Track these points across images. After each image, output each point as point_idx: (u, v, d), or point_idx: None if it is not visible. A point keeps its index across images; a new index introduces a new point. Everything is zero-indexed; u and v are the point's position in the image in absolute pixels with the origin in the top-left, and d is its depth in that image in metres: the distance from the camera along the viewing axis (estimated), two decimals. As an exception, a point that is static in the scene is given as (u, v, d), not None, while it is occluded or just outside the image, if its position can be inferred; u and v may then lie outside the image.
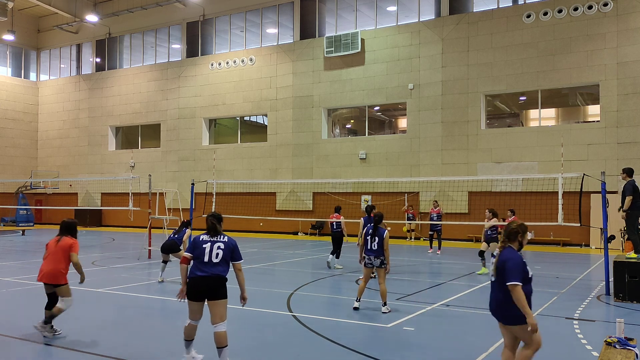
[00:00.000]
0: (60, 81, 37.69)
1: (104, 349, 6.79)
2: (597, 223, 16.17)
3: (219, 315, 5.86)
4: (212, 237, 6.00)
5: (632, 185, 10.73)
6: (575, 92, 24.11)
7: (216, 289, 5.87)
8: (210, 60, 31.16)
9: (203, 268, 5.84)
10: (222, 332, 5.84)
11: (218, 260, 5.88)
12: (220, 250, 5.91)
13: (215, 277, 5.85)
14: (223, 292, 5.94)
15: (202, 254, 5.88)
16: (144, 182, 21.43)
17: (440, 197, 23.51)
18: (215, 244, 5.93)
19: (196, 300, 5.89)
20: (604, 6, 21.69)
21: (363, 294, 9.28)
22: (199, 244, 5.96)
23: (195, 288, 5.86)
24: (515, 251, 5.09)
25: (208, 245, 5.92)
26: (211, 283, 5.84)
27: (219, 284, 5.89)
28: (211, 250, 5.88)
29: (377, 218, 9.25)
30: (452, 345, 7.18)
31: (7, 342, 7.13)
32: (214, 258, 5.88)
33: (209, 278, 5.83)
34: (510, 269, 4.92)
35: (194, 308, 5.92)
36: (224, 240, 6.01)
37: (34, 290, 11.02)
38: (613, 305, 9.83)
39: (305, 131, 27.99)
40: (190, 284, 5.89)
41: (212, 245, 5.92)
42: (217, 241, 5.97)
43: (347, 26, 27.79)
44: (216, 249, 5.90)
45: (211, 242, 5.96)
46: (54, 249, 7.30)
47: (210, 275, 5.84)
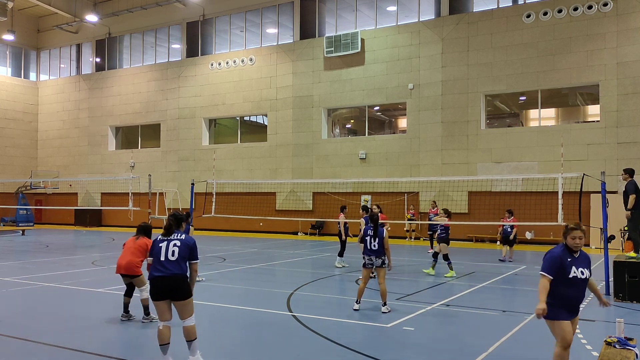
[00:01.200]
0: (60, 81, 37.69)
1: (104, 349, 6.78)
2: (597, 223, 16.16)
3: (186, 313, 5.89)
4: (168, 237, 5.97)
5: (634, 185, 10.70)
6: (575, 92, 24.11)
7: (177, 289, 5.82)
8: (210, 60, 31.16)
9: (160, 267, 5.81)
10: (191, 325, 5.87)
11: (174, 258, 5.82)
12: (176, 247, 5.86)
13: (174, 277, 5.78)
14: (186, 292, 5.88)
15: (159, 253, 5.87)
16: (144, 182, 21.43)
17: (440, 197, 23.51)
18: (171, 242, 5.90)
19: (159, 300, 5.83)
20: (604, 6, 21.69)
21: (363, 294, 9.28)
22: (156, 244, 5.97)
23: (155, 288, 5.83)
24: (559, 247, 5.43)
25: (164, 244, 5.91)
26: (171, 283, 5.78)
27: (179, 284, 5.81)
28: (167, 248, 5.85)
29: (376, 218, 9.26)
30: (452, 345, 7.18)
31: (8, 342, 7.13)
32: (170, 256, 5.83)
33: (167, 278, 5.77)
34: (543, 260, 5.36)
35: (159, 309, 5.86)
36: (180, 238, 5.96)
37: (34, 290, 11.03)
38: (613, 305, 9.83)
39: (305, 131, 27.99)
40: (151, 285, 5.87)
41: (167, 244, 5.90)
42: (173, 239, 5.93)
43: (347, 26, 27.79)
44: (172, 247, 5.86)
45: (167, 240, 5.93)
46: (133, 245, 8.24)
47: (169, 275, 5.77)
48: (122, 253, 8.28)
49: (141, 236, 8.38)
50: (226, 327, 8.20)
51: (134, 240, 8.31)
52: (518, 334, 7.67)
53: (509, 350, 6.92)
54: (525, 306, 9.50)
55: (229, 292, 11.18)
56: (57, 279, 12.35)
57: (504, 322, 8.43)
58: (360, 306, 9.12)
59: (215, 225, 28.05)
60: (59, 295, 10.65)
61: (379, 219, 9.36)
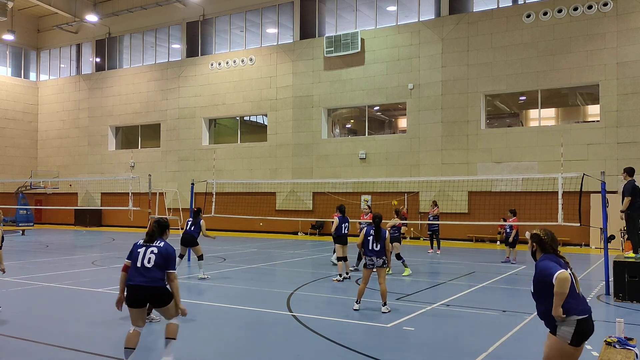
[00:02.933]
0: (60, 81, 37.69)
1: (104, 349, 6.79)
2: (597, 223, 16.16)
3: (169, 315, 5.91)
4: (149, 243, 5.88)
5: (632, 186, 10.72)
6: (575, 92, 24.11)
7: (156, 298, 5.78)
8: (210, 60, 31.16)
9: (137, 275, 5.72)
10: (174, 324, 5.89)
11: (150, 266, 5.74)
12: (153, 254, 5.77)
13: (151, 288, 5.70)
14: (164, 299, 5.82)
15: (136, 259, 5.80)
16: (144, 182, 21.42)
17: (440, 197, 23.51)
18: (149, 249, 5.81)
19: (135, 307, 5.77)
20: (604, 6, 21.69)
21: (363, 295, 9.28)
22: (134, 249, 5.89)
23: (132, 296, 5.75)
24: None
25: (142, 249, 5.84)
26: (148, 293, 5.72)
27: (156, 293, 5.76)
28: (144, 255, 5.78)
29: (378, 219, 9.29)
30: (452, 345, 7.18)
31: (8, 342, 7.13)
32: (146, 263, 5.75)
33: (145, 288, 5.70)
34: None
35: (134, 315, 5.80)
36: (159, 245, 5.87)
37: (34, 290, 11.03)
38: (613, 305, 9.84)
39: (305, 131, 27.99)
40: (128, 292, 5.77)
41: (146, 250, 5.82)
42: (152, 246, 5.84)
43: (347, 26, 27.79)
44: (149, 254, 5.78)
45: (146, 246, 5.85)
46: None
47: (147, 285, 5.69)
48: None
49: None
50: (226, 327, 8.20)
51: None
52: (518, 334, 7.67)
53: (509, 350, 6.92)
54: (525, 306, 9.49)
55: (229, 292, 11.18)
56: (57, 279, 12.35)
57: (504, 322, 8.44)
58: (360, 306, 9.13)
59: (215, 225, 27.95)
60: (59, 295, 10.65)
61: (381, 220, 9.38)
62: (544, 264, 4.55)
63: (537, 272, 4.58)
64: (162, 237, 6.00)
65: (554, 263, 4.52)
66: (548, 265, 4.50)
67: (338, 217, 13.12)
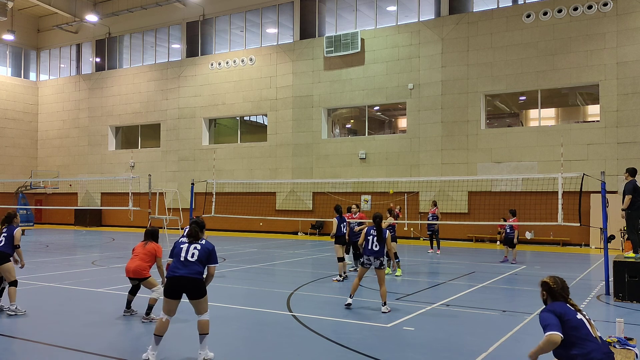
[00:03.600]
0: (60, 81, 37.69)
1: (104, 349, 6.79)
2: (597, 223, 16.17)
3: (202, 309, 6.26)
4: (191, 241, 6.38)
5: (633, 185, 10.74)
6: (575, 92, 24.11)
7: (194, 289, 6.19)
8: (210, 60, 31.17)
9: (180, 267, 6.19)
10: (205, 320, 6.22)
11: (194, 260, 6.22)
12: (196, 250, 6.27)
13: (191, 279, 6.15)
14: (202, 291, 6.25)
15: (179, 253, 6.28)
16: (143, 182, 21.43)
17: (440, 197, 23.52)
18: (192, 245, 6.33)
19: (173, 298, 6.21)
20: (604, 6, 21.69)
21: (361, 293, 9.29)
22: (177, 246, 6.39)
23: (172, 286, 6.19)
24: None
25: (185, 245, 6.34)
26: (188, 284, 6.16)
27: (196, 285, 6.19)
28: (187, 250, 6.28)
29: (379, 219, 9.28)
30: (452, 345, 7.18)
31: (7, 342, 7.13)
32: (189, 257, 6.22)
33: (185, 278, 6.15)
34: None
35: (169, 305, 6.22)
36: (201, 242, 6.40)
37: (34, 290, 11.03)
38: (613, 305, 9.84)
39: (305, 131, 27.99)
40: (169, 283, 6.21)
41: (189, 246, 6.32)
42: (195, 243, 6.36)
43: (347, 26, 27.79)
44: (192, 249, 6.28)
45: (189, 243, 6.36)
46: (142, 251, 8.49)
47: (187, 275, 6.15)
48: (132, 258, 8.56)
49: (149, 241, 8.61)
50: (226, 327, 8.20)
51: (143, 246, 8.57)
52: (518, 334, 7.67)
53: (509, 350, 6.92)
54: (525, 306, 9.50)
55: (229, 292, 11.18)
56: (57, 279, 12.35)
57: (504, 322, 8.44)
58: (352, 301, 9.18)
59: (215, 225, 28.02)
60: (59, 295, 10.65)
61: (382, 220, 9.37)
62: (544, 316, 4.55)
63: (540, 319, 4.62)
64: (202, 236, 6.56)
65: (555, 318, 4.48)
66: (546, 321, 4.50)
67: (336, 218, 13.13)
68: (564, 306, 4.59)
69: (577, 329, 4.46)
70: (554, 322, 4.46)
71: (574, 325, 4.48)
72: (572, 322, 4.49)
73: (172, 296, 6.19)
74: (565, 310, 4.55)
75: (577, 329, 4.46)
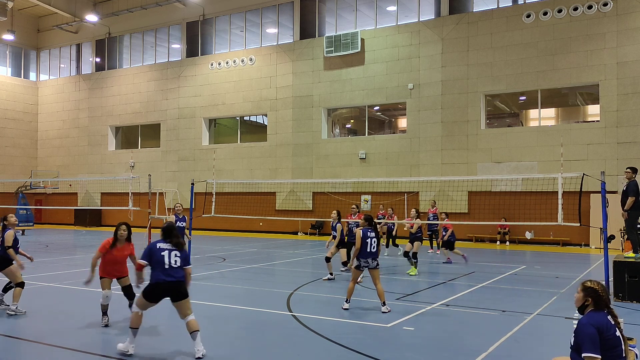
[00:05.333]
0: (60, 81, 37.68)
1: (104, 349, 6.79)
2: (597, 223, 16.16)
3: (187, 309, 6.57)
4: (170, 245, 6.60)
5: (636, 185, 10.66)
6: (575, 92, 24.11)
7: (180, 292, 6.54)
8: (210, 60, 31.16)
9: (167, 274, 6.45)
10: (193, 319, 6.53)
11: (177, 266, 6.53)
12: (178, 258, 6.56)
13: (177, 284, 6.51)
14: (186, 292, 6.61)
15: (162, 261, 6.49)
16: (143, 182, 21.41)
17: (440, 197, 23.52)
18: (173, 252, 6.57)
19: (157, 301, 6.57)
20: (604, 6, 21.69)
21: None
22: (157, 252, 6.55)
23: (159, 292, 6.49)
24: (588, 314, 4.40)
25: (166, 252, 6.55)
26: (175, 289, 6.50)
27: (181, 288, 6.56)
28: (170, 256, 6.53)
29: (372, 220, 9.33)
30: (452, 345, 7.18)
31: (8, 342, 7.13)
32: (173, 264, 6.51)
33: (172, 284, 6.47)
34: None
35: (149, 306, 6.60)
36: (176, 248, 6.66)
37: (33, 290, 11.02)
38: (613, 305, 9.82)
39: (305, 131, 27.99)
40: (156, 288, 6.47)
41: (170, 252, 6.55)
42: (174, 249, 6.60)
43: (347, 26, 27.79)
44: (174, 257, 6.54)
45: (168, 250, 6.56)
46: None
47: (174, 281, 6.47)
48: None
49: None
50: (226, 327, 8.20)
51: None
52: (518, 334, 7.66)
53: (509, 350, 6.92)
54: (525, 306, 9.50)
55: (229, 292, 11.18)
56: (57, 279, 12.35)
57: (504, 322, 8.43)
58: (350, 305, 9.13)
59: (215, 225, 28.04)
60: (59, 295, 10.65)
61: (373, 220, 9.41)
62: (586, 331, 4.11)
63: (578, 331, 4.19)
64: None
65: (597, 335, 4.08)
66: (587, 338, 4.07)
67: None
68: (606, 319, 4.21)
69: (614, 348, 4.11)
70: (595, 340, 4.05)
71: (613, 344, 4.11)
72: (611, 341, 4.11)
73: (157, 299, 6.54)
74: (608, 325, 4.16)
75: (613, 349, 4.11)
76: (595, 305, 4.28)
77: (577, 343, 4.17)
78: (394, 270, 14.43)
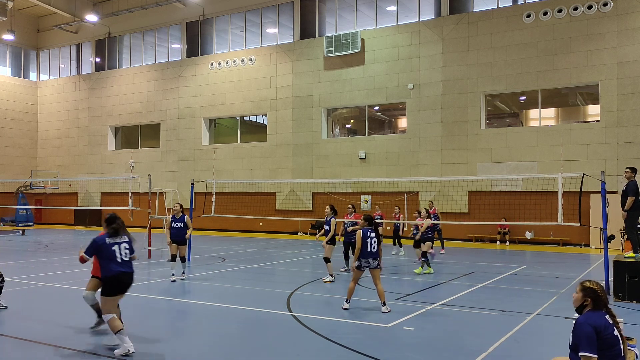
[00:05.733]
0: (60, 81, 37.68)
1: (104, 349, 6.78)
2: (597, 223, 16.16)
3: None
4: (116, 239, 6.81)
5: (635, 186, 10.66)
6: (575, 92, 24.11)
7: (131, 282, 6.91)
8: (210, 60, 31.16)
9: (122, 266, 6.73)
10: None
11: (128, 259, 6.85)
12: (127, 250, 6.85)
13: (132, 273, 6.88)
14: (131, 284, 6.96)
15: (114, 255, 6.72)
16: (143, 182, 21.42)
17: (440, 197, 23.52)
18: (122, 245, 6.83)
19: (120, 294, 6.80)
20: (604, 6, 21.69)
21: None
22: (107, 248, 6.73)
23: (121, 283, 6.74)
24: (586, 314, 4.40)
25: (117, 247, 6.77)
26: (131, 279, 6.87)
27: (133, 278, 6.92)
28: (120, 250, 6.78)
29: (372, 219, 9.27)
30: (452, 345, 7.18)
31: (8, 342, 7.13)
32: (124, 257, 6.79)
33: (131, 274, 6.86)
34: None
35: (116, 302, 6.80)
36: (127, 240, 6.93)
37: (33, 290, 11.03)
38: (613, 305, 9.80)
39: (305, 131, 27.99)
40: (116, 279, 6.67)
41: (119, 246, 6.80)
42: (123, 242, 6.86)
43: (347, 26, 27.79)
44: (124, 249, 6.82)
45: (118, 243, 6.80)
46: None
47: (131, 271, 6.85)
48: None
49: None
50: (226, 327, 8.20)
51: None
52: (518, 334, 7.66)
53: (509, 350, 6.92)
54: (525, 306, 9.50)
55: (229, 291, 11.18)
56: (57, 279, 12.35)
57: (504, 322, 8.43)
58: (350, 305, 9.11)
59: (215, 225, 28.04)
60: (59, 295, 10.65)
61: (374, 220, 9.35)
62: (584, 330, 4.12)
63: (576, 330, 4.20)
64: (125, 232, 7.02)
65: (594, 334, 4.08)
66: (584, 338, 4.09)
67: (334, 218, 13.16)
68: (604, 318, 4.22)
69: (611, 347, 4.13)
70: (592, 339, 4.07)
71: (611, 343, 4.13)
72: (609, 341, 4.13)
73: (121, 292, 6.77)
74: (605, 323, 4.18)
75: (611, 348, 4.13)
76: (594, 305, 4.30)
77: (574, 342, 4.19)
78: (396, 270, 14.43)
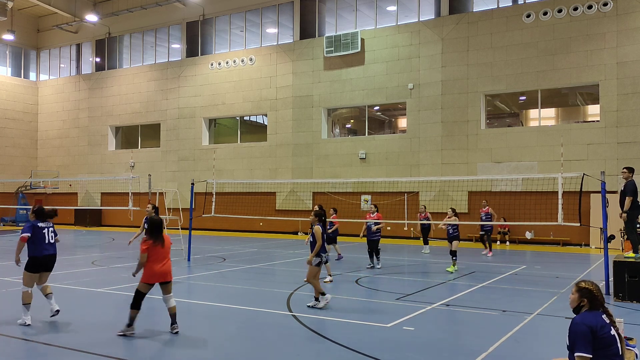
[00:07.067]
0: (60, 81, 37.68)
1: (104, 349, 6.79)
2: (597, 223, 16.17)
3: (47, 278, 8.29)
4: (46, 224, 8.14)
5: (633, 185, 10.67)
6: (575, 92, 24.11)
7: (54, 262, 8.21)
8: (210, 60, 31.16)
9: (47, 248, 8.03)
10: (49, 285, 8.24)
11: (53, 241, 8.16)
12: (53, 233, 8.19)
13: (55, 255, 8.18)
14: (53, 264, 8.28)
15: (44, 237, 8.02)
16: (143, 182, 21.42)
17: (440, 197, 23.53)
18: (49, 229, 8.17)
19: (39, 272, 8.01)
20: (604, 6, 21.69)
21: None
22: (39, 230, 8.01)
23: (44, 263, 8.01)
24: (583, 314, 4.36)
25: (46, 230, 8.09)
26: (53, 260, 8.16)
27: (55, 259, 8.21)
28: (48, 233, 8.10)
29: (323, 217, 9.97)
30: (452, 345, 7.18)
31: (8, 342, 7.13)
32: (51, 240, 8.10)
33: (53, 256, 8.13)
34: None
35: (35, 278, 8.01)
36: (51, 226, 8.25)
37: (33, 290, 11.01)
38: (613, 305, 9.84)
39: (305, 131, 27.99)
40: (41, 260, 7.96)
41: (47, 229, 8.13)
42: (49, 227, 8.18)
43: (347, 26, 27.79)
44: (51, 232, 8.16)
45: (47, 228, 8.13)
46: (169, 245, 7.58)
47: (54, 253, 8.16)
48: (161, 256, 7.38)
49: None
50: (226, 327, 8.21)
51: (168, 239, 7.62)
52: (518, 334, 7.67)
53: (509, 350, 6.92)
54: (525, 306, 9.50)
55: (229, 291, 11.18)
56: (57, 279, 12.33)
57: (504, 322, 8.44)
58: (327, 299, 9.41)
59: (215, 225, 28.04)
60: (59, 295, 10.62)
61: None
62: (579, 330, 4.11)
63: (571, 330, 4.18)
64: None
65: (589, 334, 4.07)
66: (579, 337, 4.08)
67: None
68: (600, 318, 4.18)
69: (608, 347, 4.09)
70: (587, 339, 4.05)
71: (607, 343, 4.08)
72: (605, 340, 4.08)
73: (42, 270, 8.01)
74: (602, 323, 4.15)
75: (608, 348, 4.09)
76: (591, 306, 4.28)
77: (570, 342, 4.19)
78: (397, 270, 14.44)
